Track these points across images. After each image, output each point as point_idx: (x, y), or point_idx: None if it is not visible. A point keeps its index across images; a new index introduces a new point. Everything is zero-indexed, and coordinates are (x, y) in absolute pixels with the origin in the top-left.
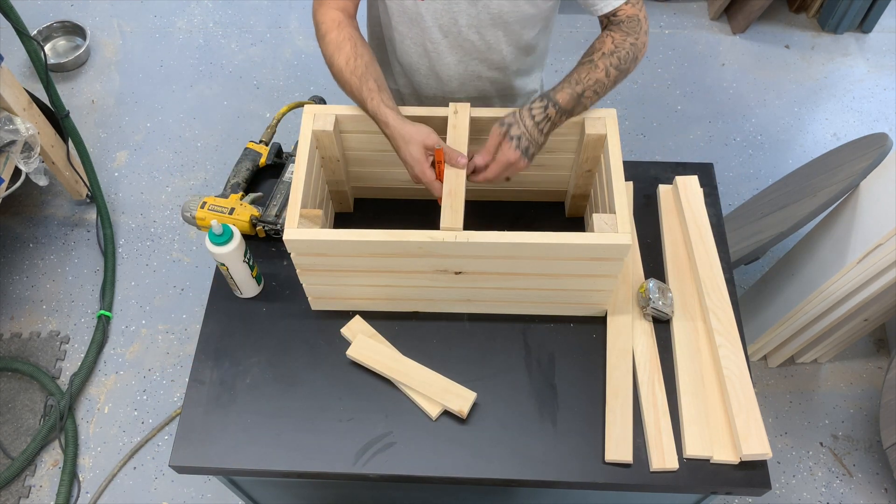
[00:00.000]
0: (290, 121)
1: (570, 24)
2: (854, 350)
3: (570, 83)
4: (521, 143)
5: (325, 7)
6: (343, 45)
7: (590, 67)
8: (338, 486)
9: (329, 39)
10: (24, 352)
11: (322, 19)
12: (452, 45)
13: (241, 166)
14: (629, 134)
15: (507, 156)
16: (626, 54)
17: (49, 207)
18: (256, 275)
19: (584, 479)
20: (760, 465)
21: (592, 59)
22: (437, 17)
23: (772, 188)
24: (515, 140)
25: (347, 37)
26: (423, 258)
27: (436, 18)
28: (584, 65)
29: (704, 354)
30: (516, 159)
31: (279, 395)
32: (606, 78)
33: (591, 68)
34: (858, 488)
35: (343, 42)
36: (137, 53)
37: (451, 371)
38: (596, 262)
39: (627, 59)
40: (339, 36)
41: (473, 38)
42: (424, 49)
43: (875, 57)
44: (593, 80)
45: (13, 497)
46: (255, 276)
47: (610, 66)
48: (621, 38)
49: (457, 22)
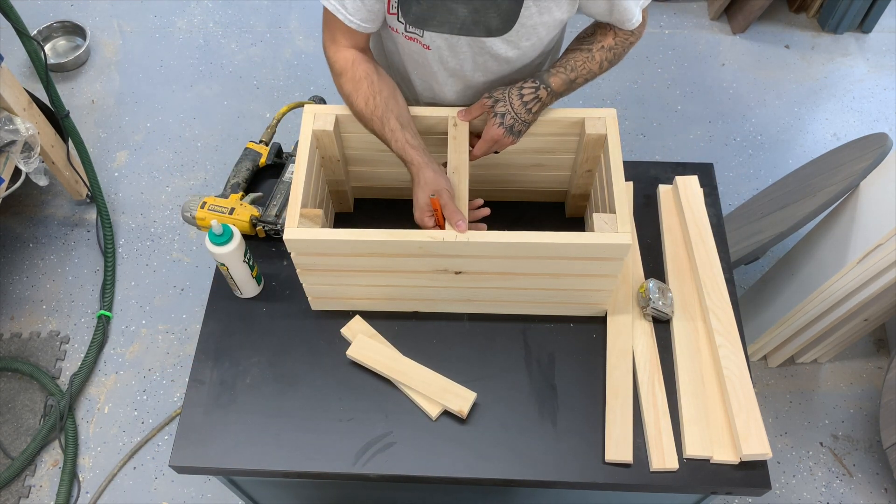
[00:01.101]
0: (290, 121)
1: (570, 24)
2: (854, 350)
3: (566, 69)
4: (505, 120)
5: (337, 46)
6: (360, 85)
7: (587, 57)
8: (338, 486)
9: (346, 79)
10: (24, 352)
11: (335, 58)
12: (458, 83)
13: (241, 166)
14: (629, 134)
15: (491, 133)
16: (623, 51)
17: (49, 207)
18: (256, 275)
19: (584, 479)
20: (760, 465)
21: (591, 50)
22: (443, 62)
23: (772, 188)
24: (499, 117)
25: (363, 75)
26: (423, 258)
27: (442, 63)
28: (582, 52)
29: (704, 354)
30: (500, 136)
31: (279, 395)
32: (599, 70)
33: (589, 59)
34: (858, 488)
35: (360, 81)
36: (137, 53)
37: (451, 371)
38: (596, 262)
39: (621, 56)
40: (356, 74)
41: (480, 79)
42: (430, 86)
43: (875, 57)
44: (587, 70)
45: (13, 497)
46: (255, 277)
47: (605, 59)
48: (624, 37)
49: (462, 67)
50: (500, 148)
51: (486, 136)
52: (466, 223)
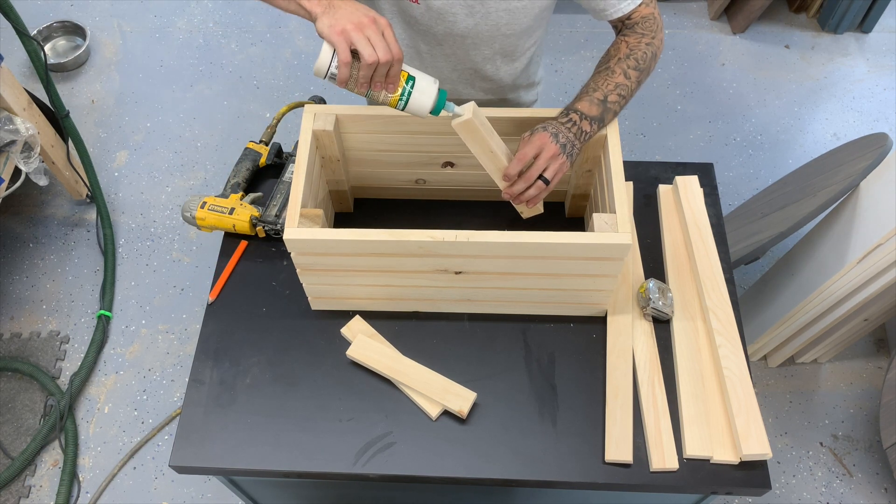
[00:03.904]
0: (290, 121)
1: (570, 24)
2: (854, 350)
3: (588, 92)
4: (559, 139)
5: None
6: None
7: (606, 74)
8: (338, 486)
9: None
10: (24, 352)
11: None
12: (447, 54)
13: (241, 166)
14: (629, 134)
15: (549, 150)
16: (643, 54)
17: (49, 207)
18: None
19: (584, 479)
20: (760, 465)
21: (609, 66)
22: (431, 23)
23: (772, 188)
24: (553, 136)
25: None
26: (423, 258)
27: (430, 25)
28: (601, 73)
29: (704, 354)
30: (556, 152)
31: (279, 395)
32: (627, 80)
33: (608, 74)
34: (858, 488)
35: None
36: (137, 53)
37: (451, 371)
38: (596, 262)
39: (645, 58)
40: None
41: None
42: (417, 51)
43: (875, 57)
44: (613, 85)
45: (13, 497)
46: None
47: (628, 68)
48: (636, 41)
49: (452, 32)
50: (555, 168)
51: (544, 153)
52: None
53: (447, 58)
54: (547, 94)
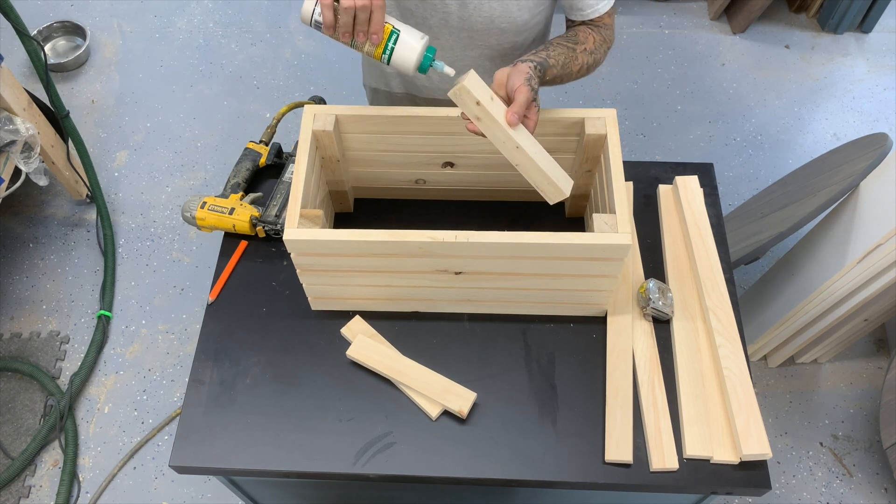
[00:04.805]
0: (290, 121)
1: None
2: (854, 350)
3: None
4: (531, 84)
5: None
6: None
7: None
8: (338, 486)
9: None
10: (24, 352)
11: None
12: (443, 46)
13: (241, 166)
14: (629, 134)
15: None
16: (600, 58)
17: (49, 207)
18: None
19: (584, 479)
20: (760, 466)
21: (575, 50)
22: (426, 14)
23: (772, 188)
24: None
25: None
26: (423, 258)
27: (425, 17)
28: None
29: (704, 354)
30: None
31: (279, 395)
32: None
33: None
34: (858, 488)
35: None
36: (137, 53)
37: (451, 371)
38: (596, 262)
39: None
40: None
41: (466, 44)
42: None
43: (875, 57)
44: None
45: (13, 497)
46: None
47: (585, 64)
48: (600, 41)
49: (447, 23)
50: (519, 98)
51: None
52: None
53: (444, 51)
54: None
